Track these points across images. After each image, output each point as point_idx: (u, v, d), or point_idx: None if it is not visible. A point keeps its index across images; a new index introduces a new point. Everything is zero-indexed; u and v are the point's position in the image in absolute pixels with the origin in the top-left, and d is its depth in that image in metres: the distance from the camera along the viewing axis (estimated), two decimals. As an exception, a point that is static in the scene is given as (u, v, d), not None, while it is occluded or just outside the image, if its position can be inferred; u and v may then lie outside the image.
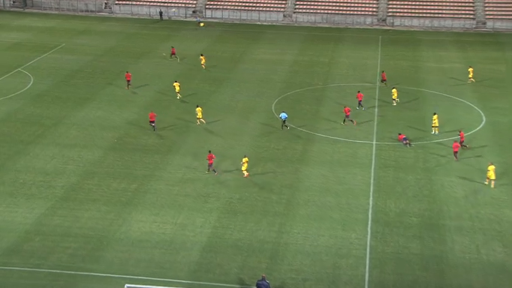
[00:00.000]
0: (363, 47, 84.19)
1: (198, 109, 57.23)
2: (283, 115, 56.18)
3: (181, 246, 38.87)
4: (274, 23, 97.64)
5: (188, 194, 44.94)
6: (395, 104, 62.05)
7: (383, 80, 67.69)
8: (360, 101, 61.11)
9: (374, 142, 53.77)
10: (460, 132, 52.47)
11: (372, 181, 47.11)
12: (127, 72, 67.54)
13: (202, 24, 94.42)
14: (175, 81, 64.28)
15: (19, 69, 72.35)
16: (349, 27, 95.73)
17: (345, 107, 57.72)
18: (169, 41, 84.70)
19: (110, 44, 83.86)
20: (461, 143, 51.38)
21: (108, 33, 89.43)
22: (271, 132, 55.74)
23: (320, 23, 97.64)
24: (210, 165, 47.58)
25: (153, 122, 55.53)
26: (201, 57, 74.14)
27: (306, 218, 42.09)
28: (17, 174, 47.46)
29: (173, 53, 76.94)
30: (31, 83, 67.82)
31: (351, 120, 56.92)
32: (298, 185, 46.54)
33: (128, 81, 66.18)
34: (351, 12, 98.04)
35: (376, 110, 61.04)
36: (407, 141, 52.62)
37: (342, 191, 45.53)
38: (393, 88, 63.40)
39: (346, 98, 63.63)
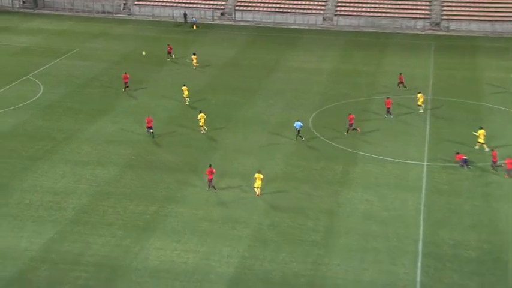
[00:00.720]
0: (413, 55, 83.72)
1: (201, 115, 58.06)
2: (297, 124, 56.56)
3: (205, 278, 38.81)
4: (312, 27, 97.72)
5: (214, 219, 44.95)
6: (422, 111, 63.15)
7: (400, 83, 69.05)
8: (389, 108, 61.84)
9: (425, 163, 53.29)
10: (492, 151, 52.20)
11: (422, 208, 46.61)
12: (124, 73, 69.03)
13: (195, 27, 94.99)
14: (184, 85, 65.72)
15: (28, 76, 73.43)
16: (397, 31, 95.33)
17: (349, 115, 58.41)
18: (195, 46, 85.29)
19: (128, 49, 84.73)
20: (494, 162, 51.36)
21: (126, 37, 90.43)
22: (308, 150, 55.59)
23: (364, 27, 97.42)
24: (209, 180, 47.83)
25: (150, 127, 56.79)
26: (193, 56, 76.64)
27: (347, 248, 41.74)
28: (23, 194, 47.99)
29: (169, 52, 79.29)
30: (40, 92, 68.75)
31: (347, 131, 57.92)
32: (338, 210, 46.25)
33: (125, 83, 67.88)
34: (400, 15, 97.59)
35: (427, 126, 60.57)
36: (467, 163, 51.91)
37: (389, 219, 45.10)
38: (419, 93, 64.01)
39: (393, 111, 63.21)
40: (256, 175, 47.59)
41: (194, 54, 77.47)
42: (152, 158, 53.96)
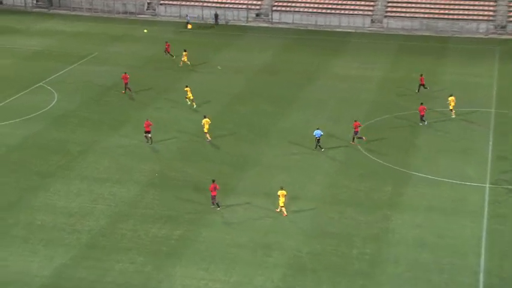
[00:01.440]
0: (474, 62, 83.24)
1: (205, 120, 59.52)
2: (317, 132, 57.37)
3: (235, 311, 39.08)
4: (358, 30, 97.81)
5: (245, 244, 45.13)
6: (453, 116, 64.50)
7: (421, 85, 70.83)
8: (422, 115, 63.07)
9: (487, 185, 52.92)
10: None
11: (483, 235, 46.29)
12: (125, 73, 70.98)
13: (190, 26, 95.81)
14: (186, 86, 67.75)
15: (41, 83, 74.49)
16: (456, 35, 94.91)
17: (354, 122, 59.27)
18: (227, 50, 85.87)
19: (151, 53, 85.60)
20: None
21: (150, 39, 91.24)
22: (352, 168, 55.60)
23: (418, 30, 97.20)
24: (213, 197, 48.50)
25: (148, 132, 58.14)
26: (184, 53, 79.58)
27: (396, 279, 41.61)
28: (34, 214, 48.62)
29: (167, 50, 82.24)
30: (55, 100, 69.72)
31: (360, 137, 58.99)
32: (387, 237, 46.15)
33: (125, 84, 70.18)
34: (460, 17, 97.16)
35: (490, 142, 60.18)
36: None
37: (444, 247, 44.87)
38: (450, 96, 65.18)
39: (450, 125, 63.07)
40: (279, 192, 47.86)
41: (185, 50, 79.79)
42: (177, 174, 54.39)
